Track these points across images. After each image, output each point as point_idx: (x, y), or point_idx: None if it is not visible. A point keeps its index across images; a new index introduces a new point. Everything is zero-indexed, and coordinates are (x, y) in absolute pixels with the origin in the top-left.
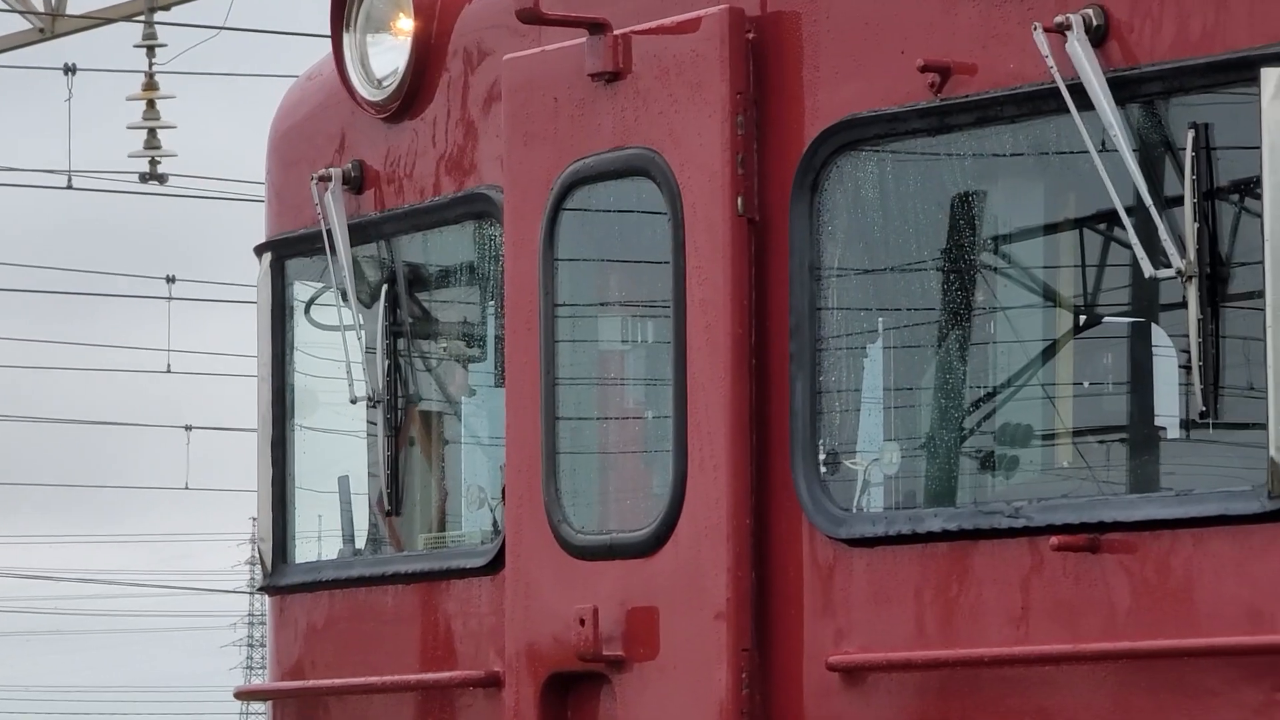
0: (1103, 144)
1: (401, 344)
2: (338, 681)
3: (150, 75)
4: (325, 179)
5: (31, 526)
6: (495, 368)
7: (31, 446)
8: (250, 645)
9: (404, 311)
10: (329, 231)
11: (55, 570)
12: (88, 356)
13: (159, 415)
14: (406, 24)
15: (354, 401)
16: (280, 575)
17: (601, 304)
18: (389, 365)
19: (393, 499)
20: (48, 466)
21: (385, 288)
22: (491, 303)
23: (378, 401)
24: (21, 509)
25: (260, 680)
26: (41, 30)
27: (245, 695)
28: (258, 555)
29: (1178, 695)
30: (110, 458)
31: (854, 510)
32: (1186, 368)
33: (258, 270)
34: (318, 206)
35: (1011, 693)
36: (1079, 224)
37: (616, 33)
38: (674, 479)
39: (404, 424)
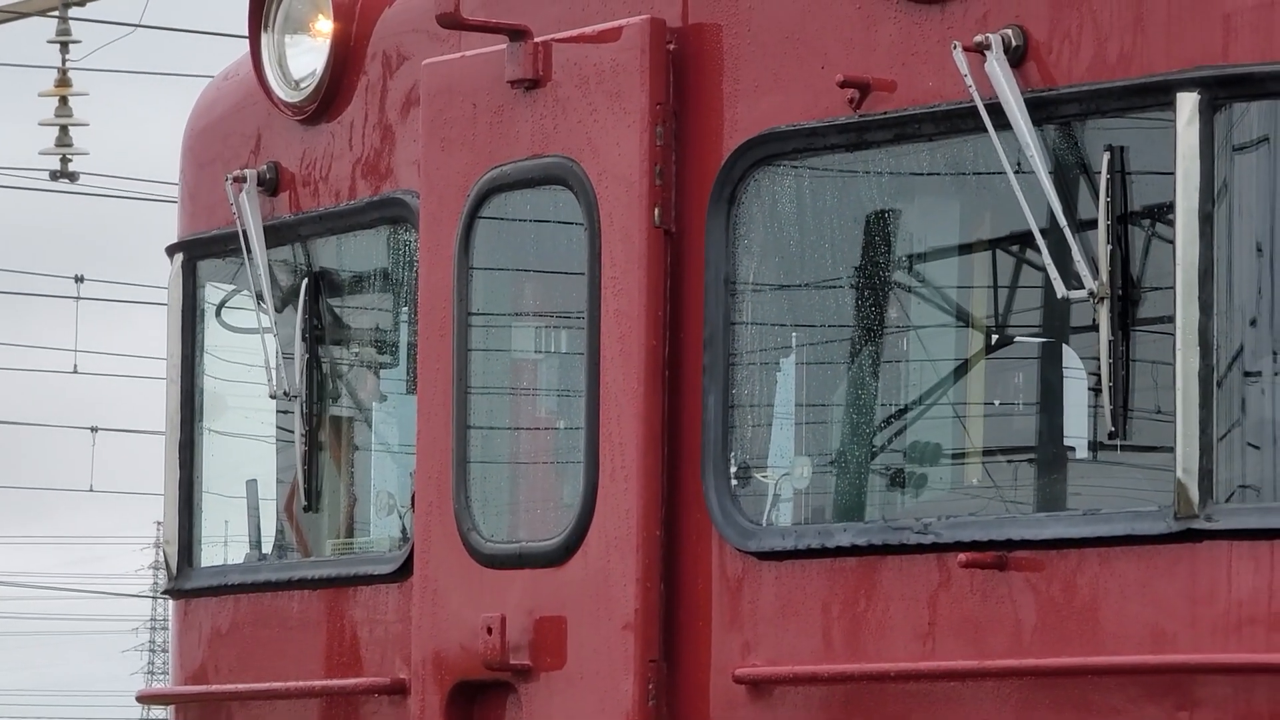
0: (1019, 164)
1: (314, 347)
2: (241, 686)
3: (63, 71)
4: (240, 179)
5: None
6: (408, 374)
7: None
8: (152, 650)
9: (317, 315)
10: (244, 232)
11: None
12: None
13: (65, 416)
14: (325, 25)
15: (273, 396)
16: (185, 579)
17: (516, 313)
18: (305, 365)
19: (310, 494)
20: None
21: (300, 291)
22: (405, 309)
23: (294, 397)
24: None
25: (161, 685)
26: None
27: (147, 699)
28: (163, 559)
29: (1082, 713)
30: (14, 458)
31: (764, 524)
32: (1096, 389)
33: (169, 271)
34: (233, 207)
35: (917, 708)
36: (993, 244)
37: (537, 40)
38: (585, 489)
39: (318, 424)
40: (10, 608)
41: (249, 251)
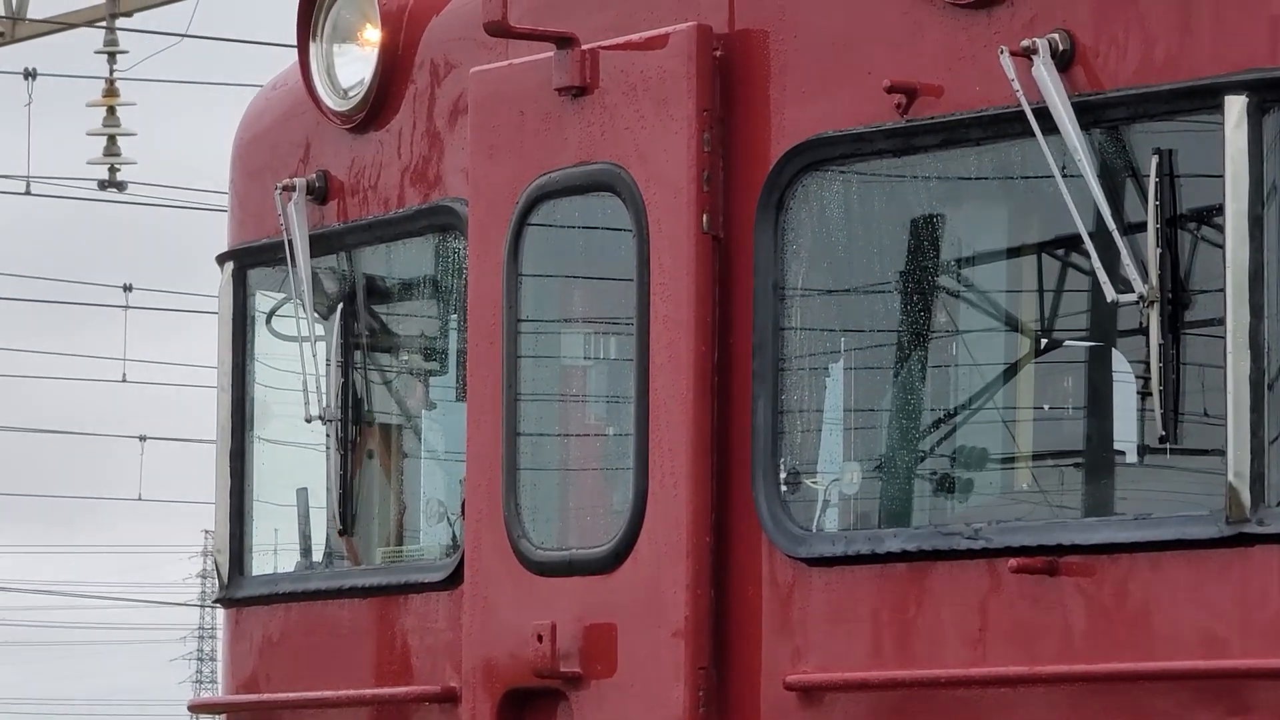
0: (1066, 168)
1: (363, 356)
2: (292, 695)
3: (111, 81)
4: (289, 188)
5: None
6: (457, 382)
7: None
8: (200, 659)
9: (364, 324)
10: (290, 243)
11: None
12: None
13: (114, 425)
14: (373, 34)
15: (309, 420)
16: (236, 588)
17: (565, 319)
18: (344, 381)
19: (345, 518)
20: None
21: (347, 300)
22: (454, 316)
23: (329, 420)
24: None
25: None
26: (2, 34)
27: (199, 708)
28: (213, 567)
29: (1133, 719)
30: (64, 467)
31: (814, 530)
32: (1146, 393)
33: (219, 279)
34: (281, 216)
35: (967, 714)
36: (1041, 248)
37: (584, 47)
38: (634, 496)
39: (361, 439)
40: (59, 617)
41: (294, 263)
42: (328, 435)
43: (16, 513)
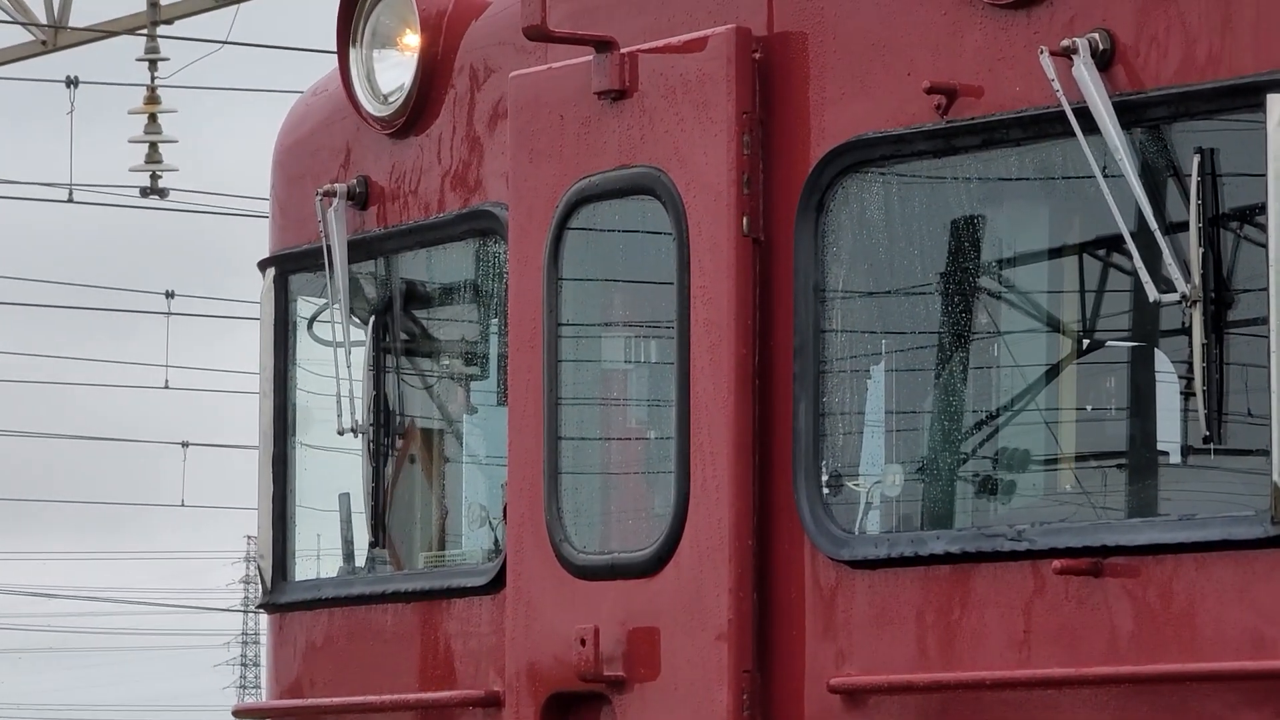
0: (1107, 168)
1: (403, 361)
2: (336, 700)
3: (152, 89)
4: (330, 194)
5: (25, 543)
6: (498, 386)
7: (26, 462)
8: (244, 664)
9: (404, 329)
10: (328, 249)
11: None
12: (85, 371)
13: (157, 431)
14: (413, 40)
15: (340, 433)
16: (280, 593)
17: (605, 323)
18: (379, 390)
19: (376, 530)
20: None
21: (387, 305)
22: (495, 320)
23: (360, 433)
24: (15, 525)
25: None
26: (44, 43)
27: (243, 713)
28: (257, 573)
29: None
30: (107, 473)
31: (856, 532)
32: (1189, 393)
33: (260, 285)
34: (320, 222)
35: (1013, 716)
36: (1083, 248)
37: (623, 51)
38: (676, 499)
39: (396, 449)
40: (105, 623)
41: (331, 270)
42: (362, 446)
43: (63, 520)
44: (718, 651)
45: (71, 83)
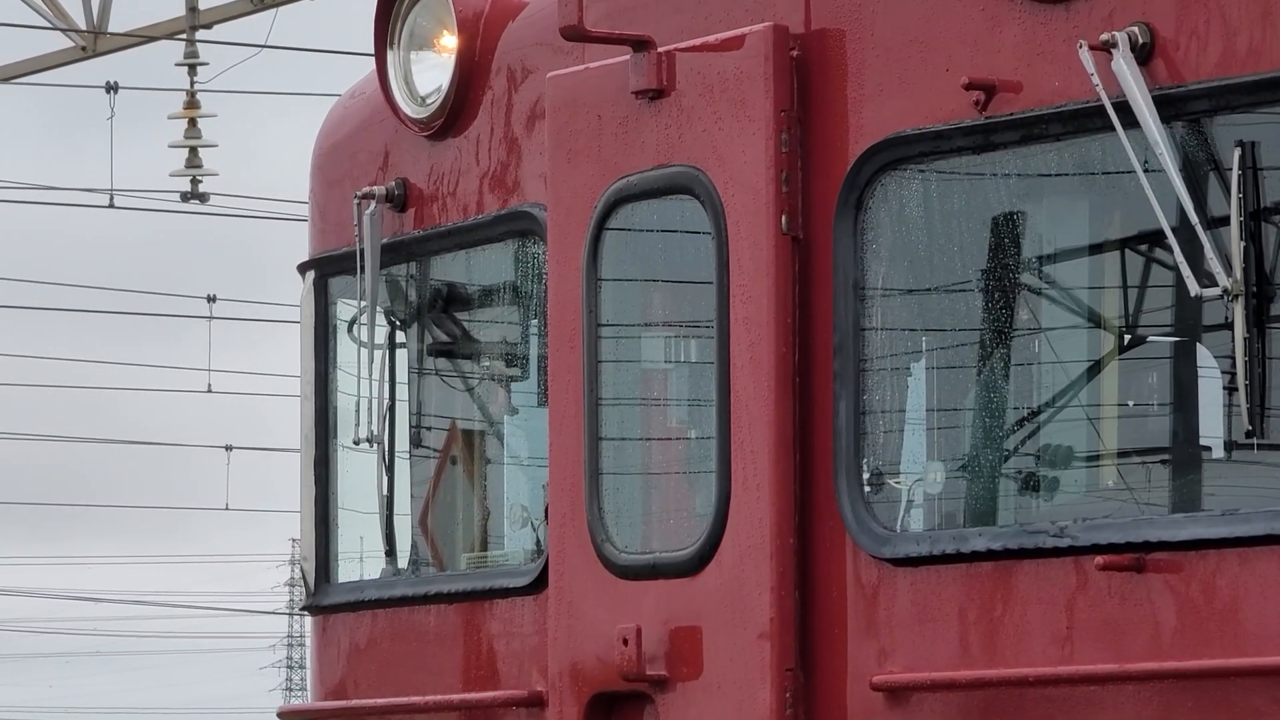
0: (1147, 162)
1: (442, 363)
2: (380, 701)
3: (192, 94)
4: (369, 196)
5: (70, 547)
6: (538, 387)
7: (70, 467)
8: (289, 667)
9: (443, 330)
10: (361, 252)
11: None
12: (128, 376)
13: (200, 435)
14: (450, 41)
15: (356, 442)
16: (323, 595)
17: (645, 323)
18: (397, 398)
19: (390, 539)
20: (86, 487)
21: (427, 306)
22: (534, 321)
23: (374, 442)
24: (60, 530)
25: (299, 702)
26: (84, 49)
27: (288, 715)
28: (300, 575)
29: (1224, 715)
30: (152, 478)
31: (898, 530)
32: (1231, 388)
33: (301, 288)
34: (355, 227)
35: (1056, 713)
36: (1123, 243)
37: (660, 50)
38: (717, 498)
39: (444, 447)
40: (149, 626)
41: (362, 273)
42: (414, 440)
43: (108, 524)
44: (760, 650)
45: (111, 88)
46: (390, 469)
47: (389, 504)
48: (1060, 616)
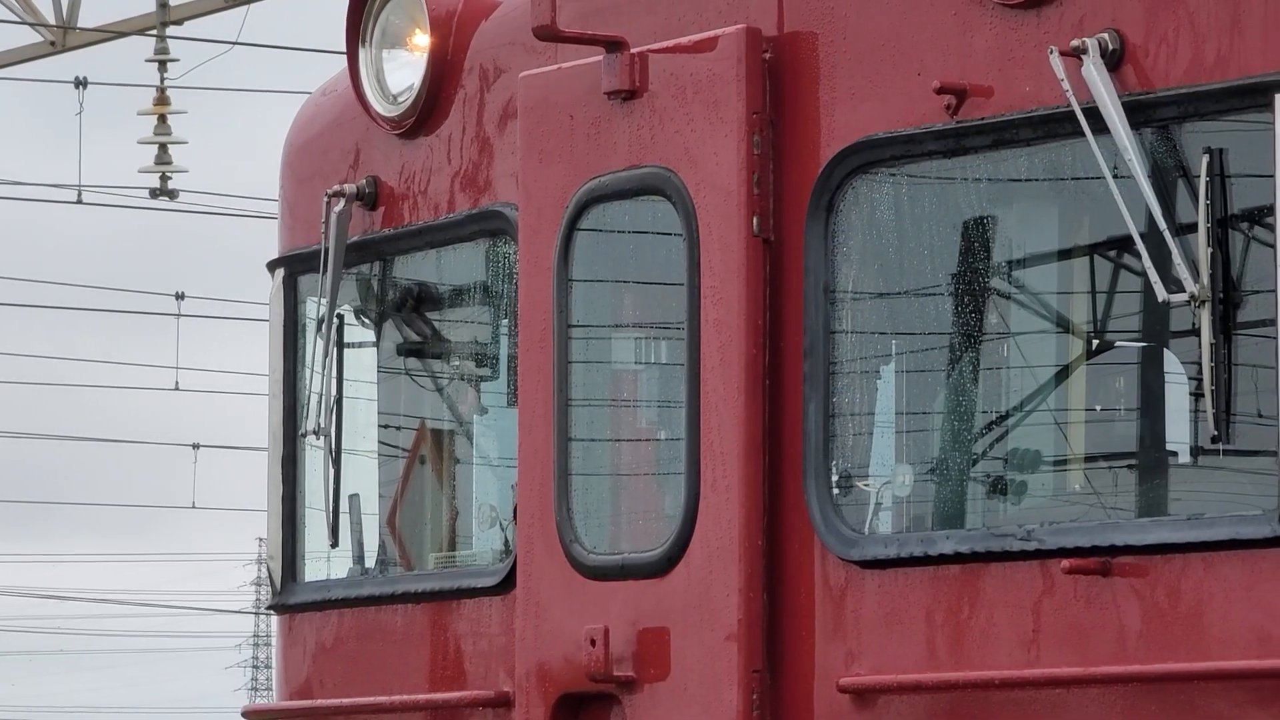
0: (1116, 168)
1: (411, 362)
2: (346, 701)
3: (162, 90)
4: (339, 195)
5: (35, 545)
6: (508, 387)
7: (36, 464)
8: (255, 666)
9: (413, 329)
10: (326, 250)
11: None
12: (95, 373)
13: (167, 433)
14: (422, 40)
15: (303, 435)
16: (289, 594)
17: (615, 324)
18: (340, 394)
19: (335, 531)
20: (52, 484)
21: (396, 305)
22: (505, 321)
23: (322, 434)
24: (26, 527)
25: (264, 702)
26: (53, 43)
27: (253, 715)
28: (266, 574)
29: (1188, 719)
30: (117, 476)
31: (866, 532)
32: (1198, 393)
33: (270, 286)
34: (321, 225)
35: (1022, 716)
36: (1092, 248)
37: (633, 51)
38: (686, 500)
39: (413, 446)
40: (114, 625)
41: (324, 271)
42: (384, 440)
43: (73, 522)
44: (727, 651)
45: (80, 84)
46: (337, 461)
47: (334, 496)
48: (1027, 619)
